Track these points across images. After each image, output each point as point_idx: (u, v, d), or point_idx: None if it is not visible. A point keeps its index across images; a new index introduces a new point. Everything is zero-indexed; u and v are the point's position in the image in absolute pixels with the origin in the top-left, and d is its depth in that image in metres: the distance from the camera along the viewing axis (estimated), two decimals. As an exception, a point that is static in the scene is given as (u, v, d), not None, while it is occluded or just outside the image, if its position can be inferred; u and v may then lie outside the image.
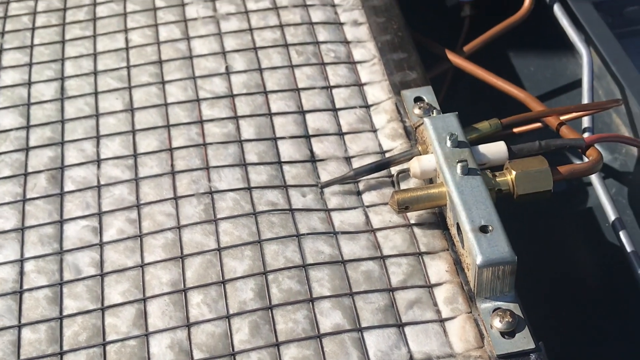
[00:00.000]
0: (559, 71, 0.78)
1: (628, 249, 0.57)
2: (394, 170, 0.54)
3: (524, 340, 0.45)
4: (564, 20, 0.72)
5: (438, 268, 0.49)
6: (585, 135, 0.60)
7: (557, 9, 0.73)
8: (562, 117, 0.59)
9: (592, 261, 0.68)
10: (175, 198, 0.53)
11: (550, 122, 0.58)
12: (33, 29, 0.67)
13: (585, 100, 0.65)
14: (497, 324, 0.45)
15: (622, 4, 0.78)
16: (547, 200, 0.51)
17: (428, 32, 0.72)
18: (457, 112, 0.54)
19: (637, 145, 0.62)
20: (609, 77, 0.68)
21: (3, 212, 0.53)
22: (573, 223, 0.69)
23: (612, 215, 0.59)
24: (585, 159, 0.54)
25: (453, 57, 0.69)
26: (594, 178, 0.62)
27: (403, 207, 0.50)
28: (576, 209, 0.70)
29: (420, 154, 0.53)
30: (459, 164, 0.49)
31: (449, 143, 0.51)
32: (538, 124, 0.60)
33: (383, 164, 0.54)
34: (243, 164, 0.55)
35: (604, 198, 0.60)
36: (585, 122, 0.63)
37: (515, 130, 0.58)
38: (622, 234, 0.58)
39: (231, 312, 0.47)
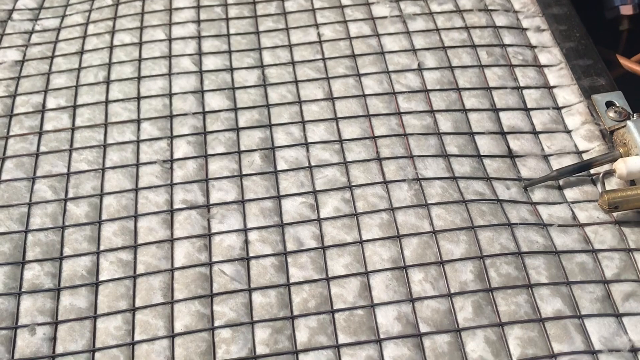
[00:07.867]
0: None
1: None
2: (597, 170, 0.56)
3: None
4: None
5: (650, 265, 0.51)
6: None
7: None
8: None
9: None
10: (386, 182, 0.56)
11: None
12: (227, 19, 0.71)
13: None
14: None
15: None
16: None
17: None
18: (661, 117, 0.55)
19: None
20: None
21: (222, 185, 0.56)
22: None
23: None
24: None
25: (627, 62, 0.70)
26: None
27: (613, 207, 0.52)
28: None
29: (622, 156, 0.55)
30: (673, 166, 0.51)
31: (658, 146, 0.53)
32: None
33: (586, 165, 0.56)
34: (445, 155, 0.58)
35: None
36: None
37: None
38: None
39: (452, 291, 0.49)
